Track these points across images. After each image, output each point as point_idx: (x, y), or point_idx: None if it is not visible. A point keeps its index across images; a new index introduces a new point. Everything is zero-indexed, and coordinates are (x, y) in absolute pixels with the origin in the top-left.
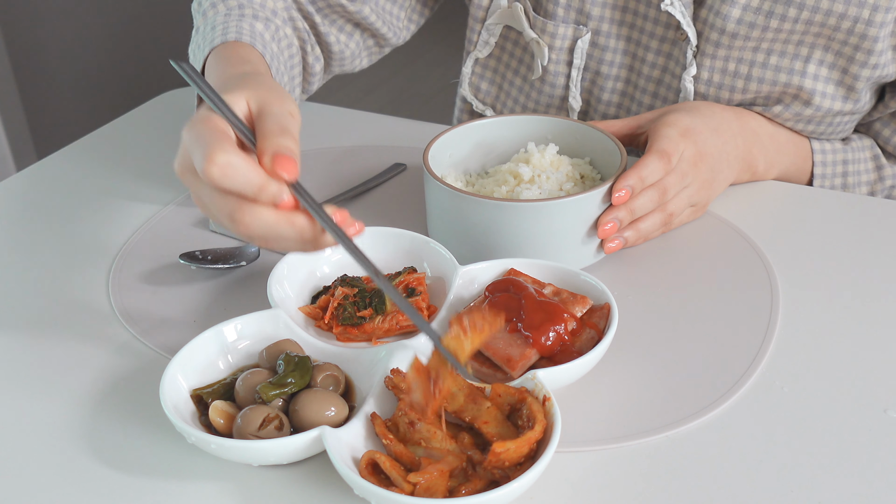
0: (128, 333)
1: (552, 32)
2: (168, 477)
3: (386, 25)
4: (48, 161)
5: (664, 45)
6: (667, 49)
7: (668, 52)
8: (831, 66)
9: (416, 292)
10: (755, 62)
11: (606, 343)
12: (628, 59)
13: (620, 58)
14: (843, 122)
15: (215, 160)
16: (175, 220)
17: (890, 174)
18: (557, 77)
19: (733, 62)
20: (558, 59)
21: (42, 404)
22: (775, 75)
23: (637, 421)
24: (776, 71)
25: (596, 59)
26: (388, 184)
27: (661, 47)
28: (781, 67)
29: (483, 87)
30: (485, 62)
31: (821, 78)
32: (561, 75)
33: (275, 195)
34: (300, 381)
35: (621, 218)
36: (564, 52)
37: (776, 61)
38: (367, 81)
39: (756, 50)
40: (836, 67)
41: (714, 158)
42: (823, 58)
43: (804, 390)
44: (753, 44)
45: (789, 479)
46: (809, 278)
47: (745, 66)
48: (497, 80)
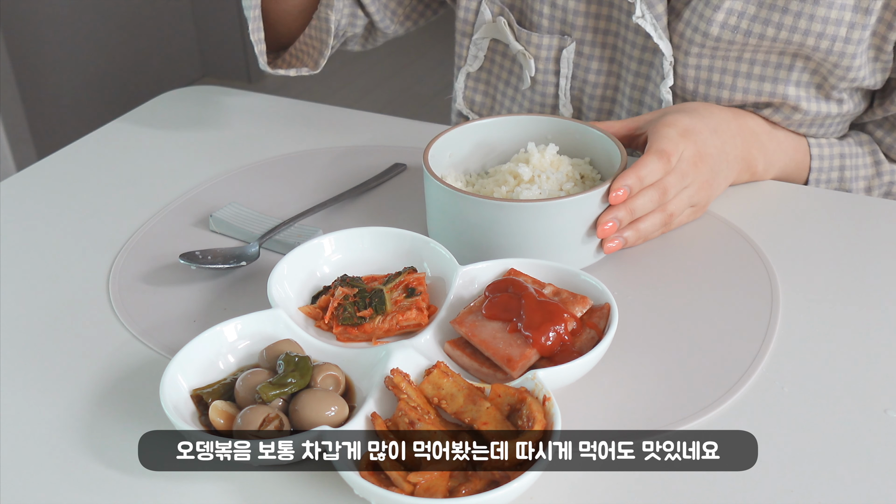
0: (128, 333)
1: (537, 44)
2: (168, 477)
3: (379, 13)
4: (48, 161)
5: (646, 55)
6: (648, 58)
7: (650, 62)
8: (809, 83)
9: (416, 292)
10: (739, 72)
11: (606, 343)
12: (614, 68)
13: (607, 66)
14: (834, 124)
15: None
16: (175, 220)
17: (888, 170)
18: (546, 87)
19: (717, 73)
20: (546, 69)
21: (42, 404)
22: (759, 85)
23: (637, 421)
24: (760, 81)
25: (582, 68)
26: (388, 184)
27: (643, 57)
28: (765, 77)
29: (477, 100)
30: (476, 75)
31: (802, 84)
32: (550, 84)
33: None
34: (300, 381)
35: (621, 218)
36: (551, 62)
37: (759, 71)
38: (367, 81)
39: (738, 60)
40: (814, 84)
41: (714, 158)
42: (803, 73)
43: (804, 390)
44: (735, 54)
45: (789, 479)
46: (809, 278)
47: (728, 77)
48: (490, 91)
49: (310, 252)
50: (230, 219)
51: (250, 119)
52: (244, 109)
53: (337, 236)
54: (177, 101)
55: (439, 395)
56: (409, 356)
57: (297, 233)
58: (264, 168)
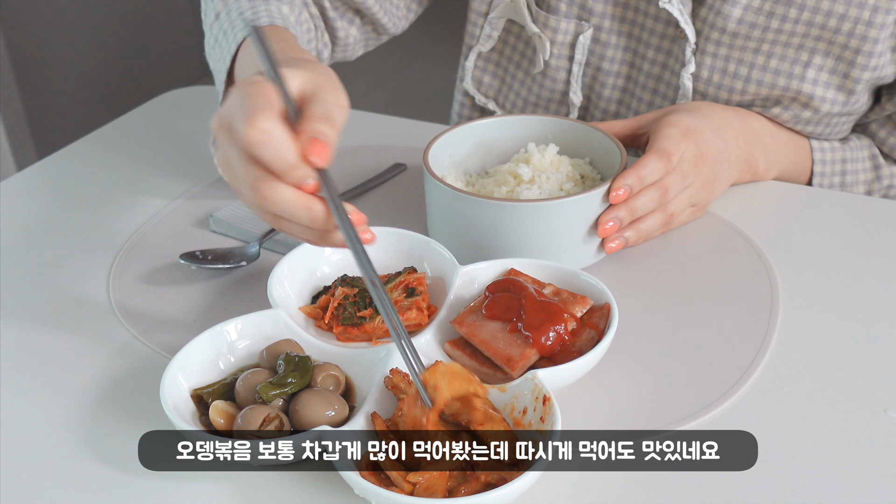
0: (128, 333)
1: (554, 27)
2: (168, 477)
3: (387, 15)
4: (48, 161)
5: (664, 43)
6: (667, 46)
7: (668, 50)
8: (832, 71)
9: (416, 292)
10: (755, 64)
11: (606, 343)
12: (629, 56)
13: (621, 54)
14: (840, 123)
15: (257, 124)
16: (175, 219)
17: (887, 174)
18: (559, 72)
19: (734, 63)
20: (560, 53)
21: (42, 404)
22: (774, 78)
23: (637, 421)
24: (775, 74)
25: (597, 55)
26: (388, 184)
27: (661, 44)
28: (781, 71)
29: (486, 81)
30: (487, 56)
31: (820, 82)
32: (562, 70)
33: (301, 177)
34: (300, 381)
35: (622, 217)
36: (566, 47)
37: (776, 64)
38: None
39: (756, 52)
40: (836, 73)
41: (715, 158)
42: (823, 63)
43: (804, 390)
44: (754, 44)
45: (789, 479)
46: (809, 278)
47: (744, 68)
48: (500, 73)
49: (310, 252)
50: (230, 219)
51: None
52: None
53: None
54: (177, 101)
55: None
56: None
57: None
58: None
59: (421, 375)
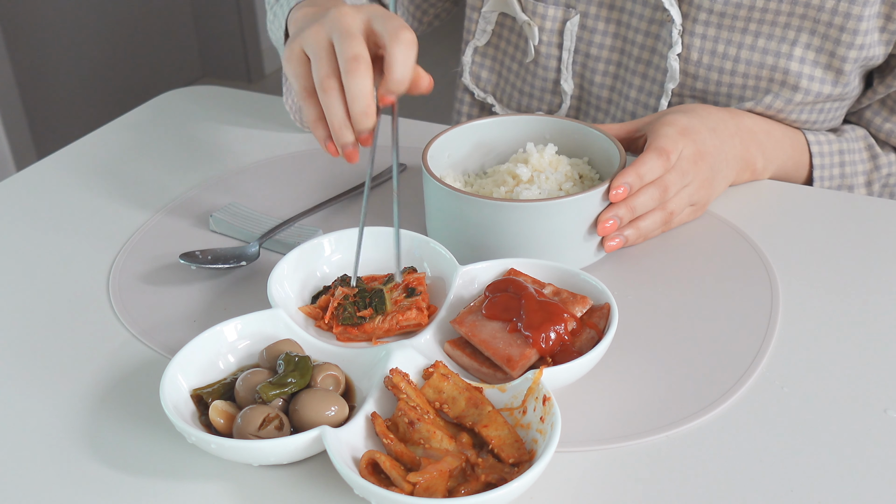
0: (128, 333)
1: (542, 14)
2: (168, 477)
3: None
4: (48, 161)
5: (652, 27)
6: (655, 30)
7: (656, 34)
8: (818, 49)
9: (416, 292)
10: (743, 44)
11: (606, 343)
12: (618, 43)
13: (610, 40)
14: (833, 109)
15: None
16: (175, 220)
17: (885, 163)
18: (549, 59)
19: (722, 43)
20: (549, 41)
21: (42, 404)
22: (762, 58)
23: (637, 421)
24: (763, 53)
25: (585, 41)
26: (388, 184)
27: (649, 29)
28: (769, 50)
29: (483, 76)
30: (483, 50)
31: (808, 61)
32: (553, 58)
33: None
34: (300, 381)
35: (621, 216)
36: (555, 34)
37: (763, 44)
38: None
39: (744, 31)
40: (823, 51)
41: (713, 157)
42: (810, 41)
43: (804, 390)
44: (741, 24)
45: (789, 479)
46: (809, 278)
47: (733, 48)
48: (496, 67)
49: (310, 252)
50: (230, 219)
51: (250, 119)
52: (244, 109)
53: (337, 236)
54: (177, 101)
55: (441, 399)
56: (408, 356)
57: (297, 233)
58: (264, 168)
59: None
